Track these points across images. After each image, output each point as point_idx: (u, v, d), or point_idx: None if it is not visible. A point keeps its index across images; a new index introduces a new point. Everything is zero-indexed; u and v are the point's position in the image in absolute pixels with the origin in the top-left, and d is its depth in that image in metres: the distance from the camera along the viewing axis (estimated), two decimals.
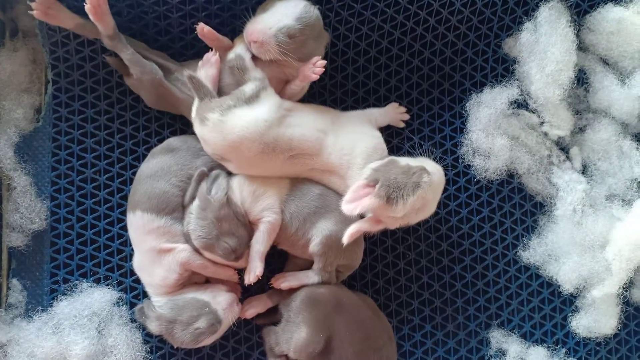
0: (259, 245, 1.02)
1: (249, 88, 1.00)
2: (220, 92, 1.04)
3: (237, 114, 0.98)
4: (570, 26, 1.17)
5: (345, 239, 0.97)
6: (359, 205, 0.93)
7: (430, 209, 1.00)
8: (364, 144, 1.03)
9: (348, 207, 0.94)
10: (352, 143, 1.03)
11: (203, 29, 1.03)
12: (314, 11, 1.02)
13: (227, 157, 1.01)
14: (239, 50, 1.04)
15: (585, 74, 1.24)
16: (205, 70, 1.03)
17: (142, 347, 1.07)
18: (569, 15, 1.18)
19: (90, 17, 0.99)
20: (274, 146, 0.99)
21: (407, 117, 1.19)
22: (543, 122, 1.22)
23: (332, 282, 1.07)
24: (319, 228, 1.02)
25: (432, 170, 0.98)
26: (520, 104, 1.22)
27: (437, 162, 1.19)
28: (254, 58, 1.03)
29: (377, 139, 1.06)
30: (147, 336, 1.08)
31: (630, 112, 1.21)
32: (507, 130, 1.19)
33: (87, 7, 0.98)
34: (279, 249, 1.09)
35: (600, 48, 1.23)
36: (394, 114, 1.17)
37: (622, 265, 1.12)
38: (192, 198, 1.02)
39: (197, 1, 1.09)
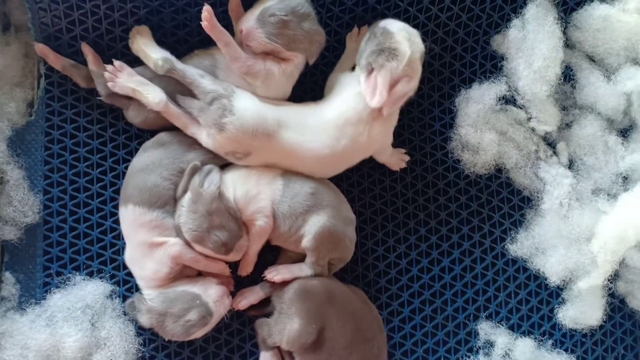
0: (250, 246, 1.05)
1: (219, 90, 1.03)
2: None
3: (240, 105, 1.02)
4: (557, 23, 1.19)
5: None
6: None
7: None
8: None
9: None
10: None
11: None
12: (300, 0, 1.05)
13: (251, 148, 1.03)
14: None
15: (572, 70, 1.26)
16: None
17: (135, 339, 1.07)
18: (556, 12, 1.21)
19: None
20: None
21: (404, 164, 1.20)
22: (530, 118, 1.24)
23: (325, 275, 1.09)
24: (311, 224, 1.04)
25: None
26: (508, 100, 1.24)
27: (427, 157, 1.23)
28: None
29: None
30: (140, 329, 1.08)
31: (616, 108, 1.24)
32: (495, 126, 1.21)
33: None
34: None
35: (586, 45, 1.25)
36: (396, 156, 1.19)
37: (607, 258, 1.13)
38: (184, 191, 1.02)
39: None
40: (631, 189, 1.18)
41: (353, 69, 1.11)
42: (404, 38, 1.03)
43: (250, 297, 1.10)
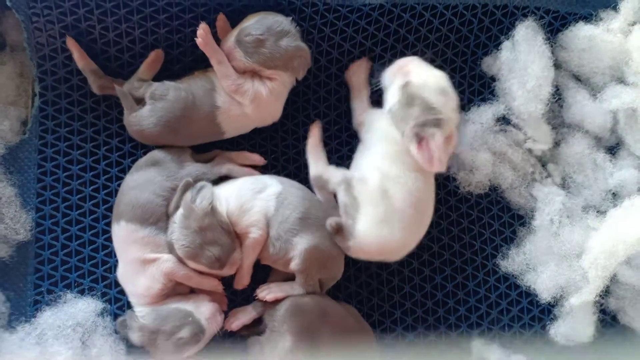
0: (245, 258, 1.05)
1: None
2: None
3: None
4: (546, 44, 1.22)
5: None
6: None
7: None
8: None
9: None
10: None
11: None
12: (276, 17, 1.07)
13: None
14: None
15: (558, 89, 1.28)
16: None
17: (125, 358, 1.06)
18: (544, 33, 1.23)
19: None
20: None
21: None
22: (527, 138, 1.25)
23: (317, 292, 1.08)
24: (299, 245, 1.04)
25: None
26: (504, 120, 1.25)
27: None
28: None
29: None
30: (131, 347, 1.07)
31: (603, 126, 1.25)
32: (493, 147, 1.22)
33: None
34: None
35: (572, 65, 1.27)
36: None
37: (598, 273, 1.13)
38: (177, 207, 1.03)
39: (185, 17, 1.12)
40: (620, 205, 1.19)
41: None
42: (442, 103, 1.03)
43: (243, 317, 1.09)
